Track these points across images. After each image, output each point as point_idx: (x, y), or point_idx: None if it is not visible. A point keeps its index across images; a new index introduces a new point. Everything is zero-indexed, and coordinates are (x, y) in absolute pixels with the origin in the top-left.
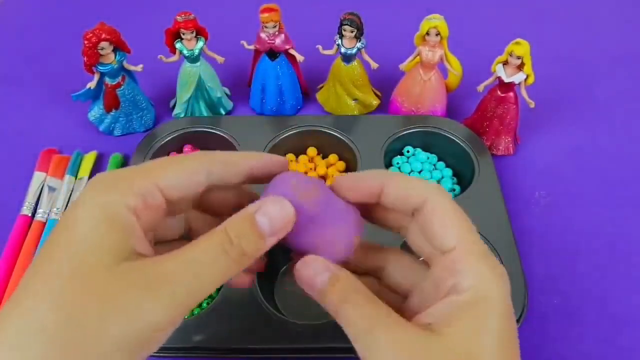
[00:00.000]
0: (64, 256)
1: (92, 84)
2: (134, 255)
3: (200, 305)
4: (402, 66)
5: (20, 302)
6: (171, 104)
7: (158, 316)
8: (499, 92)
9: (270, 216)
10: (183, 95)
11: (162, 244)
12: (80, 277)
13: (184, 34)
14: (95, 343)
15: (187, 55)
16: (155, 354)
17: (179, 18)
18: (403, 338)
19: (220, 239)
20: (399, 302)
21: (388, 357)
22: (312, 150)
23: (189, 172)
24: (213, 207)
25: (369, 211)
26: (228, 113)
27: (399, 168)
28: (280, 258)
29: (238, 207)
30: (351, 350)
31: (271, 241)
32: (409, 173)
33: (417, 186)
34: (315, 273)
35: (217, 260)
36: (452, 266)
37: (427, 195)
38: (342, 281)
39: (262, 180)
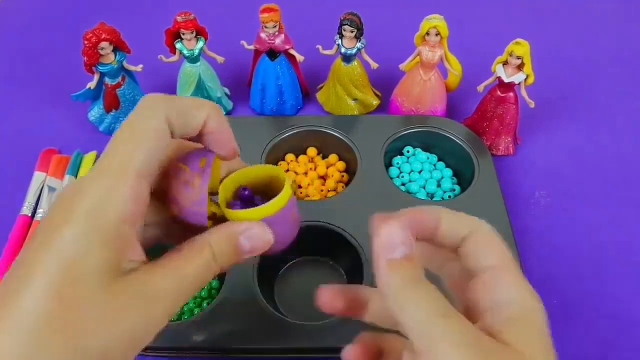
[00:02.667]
0: (56, 272)
1: (92, 84)
2: (126, 268)
3: (200, 305)
4: (402, 66)
5: (10, 303)
6: None
7: (149, 328)
8: (498, 92)
9: (253, 241)
10: (183, 95)
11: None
12: (69, 298)
13: (183, 34)
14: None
15: (187, 55)
16: (155, 354)
17: (178, 18)
18: (469, 332)
19: (208, 256)
20: None
21: (454, 350)
22: (312, 150)
23: (154, 143)
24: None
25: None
26: (228, 113)
27: (399, 168)
28: (280, 259)
29: None
30: None
31: (244, 259)
32: (409, 173)
33: (466, 219)
34: (397, 242)
35: (202, 276)
36: (494, 280)
37: (476, 225)
38: (413, 263)
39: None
